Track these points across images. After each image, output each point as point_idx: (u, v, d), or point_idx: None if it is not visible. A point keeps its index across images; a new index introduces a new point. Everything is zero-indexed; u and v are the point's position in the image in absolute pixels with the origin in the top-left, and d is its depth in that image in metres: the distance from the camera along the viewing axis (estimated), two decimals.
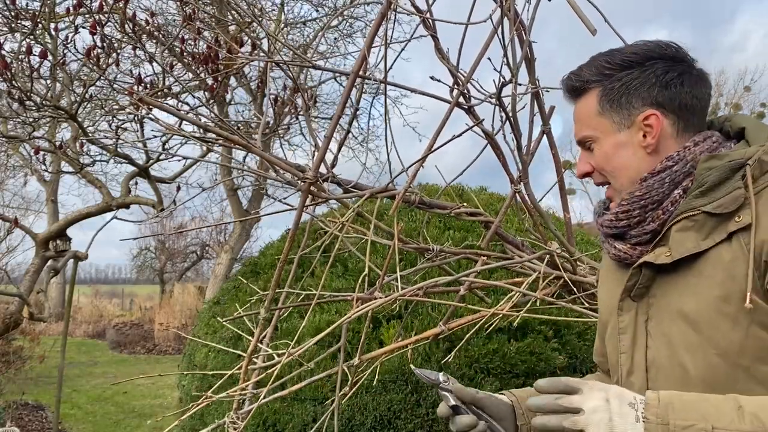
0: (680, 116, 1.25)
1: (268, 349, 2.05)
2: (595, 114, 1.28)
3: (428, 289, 2.09)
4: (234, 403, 2.02)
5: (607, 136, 1.28)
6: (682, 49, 1.28)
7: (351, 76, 1.67)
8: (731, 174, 1.16)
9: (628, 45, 1.31)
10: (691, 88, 1.25)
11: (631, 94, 1.24)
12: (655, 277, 1.22)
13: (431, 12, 1.85)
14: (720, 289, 1.13)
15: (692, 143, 1.24)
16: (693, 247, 1.16)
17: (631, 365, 1.27)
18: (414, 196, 1.94)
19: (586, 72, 1.30)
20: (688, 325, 1.16)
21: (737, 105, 32.73)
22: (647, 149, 1.25)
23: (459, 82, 1.86)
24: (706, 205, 1.16)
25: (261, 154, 1.86)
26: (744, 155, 1.17)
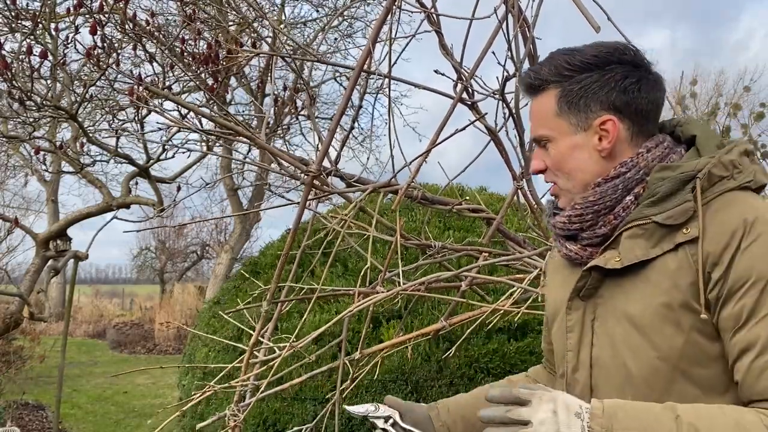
0: (635, 121, 1.28)
1: (270, 343, 2.05)
2: (553, 114, 1.30)
3: (430, 284, 2.09)
4: (235, 396, 2.02)
5: (564, 137, 1.30)
6: (640, 52, 1.31)
7: (356, 69, 1.67)
8: (682, 186, 1.20)
9: (588, 46, 1.31)
10: (648, 93, 1.27)
11: (590, 97, 1.26)
12: (603, 280, 1.27)
13: (435, 7, 1.85)
14: (665, 296, 1.18)
15: (645, 149, 1.27)
16: (642, 255, 1.21)
17: (576, 362, 1.32)
18: (416, 191, 1.94)
19: (545, 71, 1.31)
20: (633, 327, 1.22)
21: (737, 105, 32.75)
22: (602, 153, 1.28)
23: (462, 78, 1.86)
24: (656, 215, 1.20)
25: (265, 146, 1.86)
26: (695, 167, 1.20)
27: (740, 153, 1.23)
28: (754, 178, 1.22)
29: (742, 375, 1.13)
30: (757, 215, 1.15)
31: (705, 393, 1.18)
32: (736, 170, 1.21)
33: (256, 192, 14.54)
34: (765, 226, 1.14)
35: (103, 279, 64.94)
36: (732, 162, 1.21)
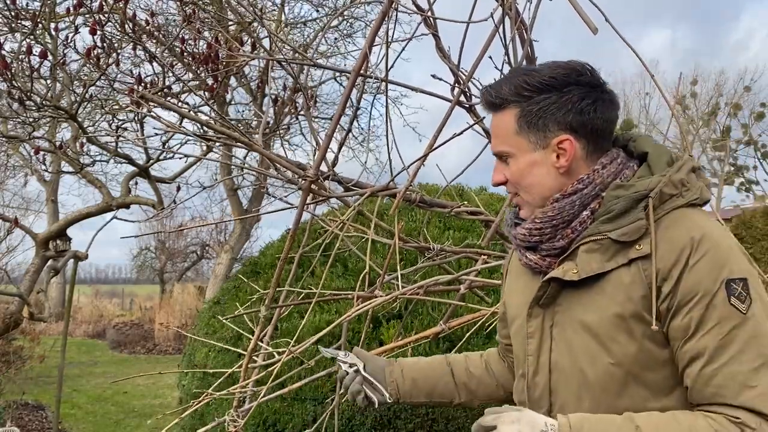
0: (591, 140, 1.35)
1: (269, 347, 2.05)
2: (513, 132, 1.37)
3: (429, 287, 2.09)
4: (234, 401, 2.02)
5: (523, 154, 1.37)
6: (596, 72, 1.38)
7: (352, 74, 1.67)
8: (635, 204, 1.29)
9: (546, 66, 1.38)
10: (603, 113, 1.35)
11: (548, 118, 1.33)
12: (562, 290, 1.36)
13: (432, 10, 1.85)
14: (619, 307, 1.27)
15: (600, 166, 1.35)
16: (598, 268, 1.30)
17: (536, 367, 1.41)
18: (415, 194, 1.94)
19: (505, 89, 1.37)
20: (590, 335, 1.31)
21: (737, 105, 32.78)
22: (560, 170, 1.35)
23: (460, 81, 1.86)
24: (611, 232, 1.29)
25: (262, 151, 1.86)
26: (647, 186, 1.29)
27: (688, 171, 1.32)
28: (700, 195, 1.31)
29: (692, 381, 1.23)
30: (703, 233, 1.24)
31: (654, 395, 1.29)
32: (684, 188, 1.30)
33: (256, 192, 14.54)
34: (710, 244, 1.23)
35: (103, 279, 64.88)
36: (681, 180, 1.30)
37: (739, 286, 1.21)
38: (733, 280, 1.21)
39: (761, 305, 1.22)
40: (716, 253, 1.23)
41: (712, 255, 1.23)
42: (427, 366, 1.72)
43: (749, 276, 1.23)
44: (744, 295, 1.21)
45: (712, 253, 1.23)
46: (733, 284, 1.21)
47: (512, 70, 1.44)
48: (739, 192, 34.22)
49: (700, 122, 32.70)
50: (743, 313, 1.20)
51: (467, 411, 3.88)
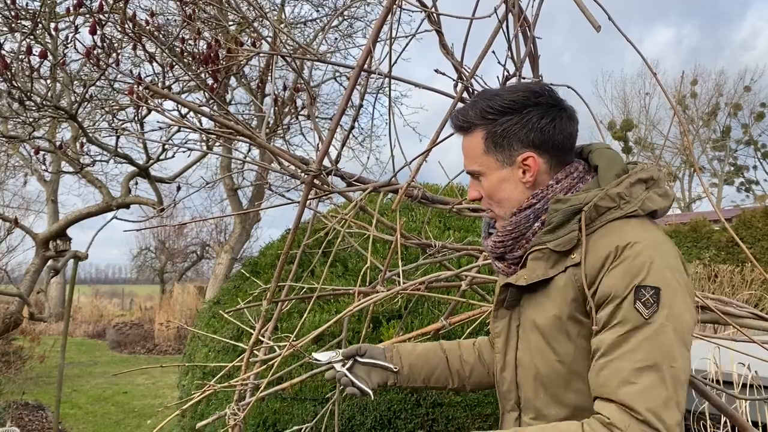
0: (553, 155, 1.48)
1: (270, 342, 2.04)
2: (481, 153, 1.51)
3: (430, 284, 2.09)
4: (235, 395, 2.01)
5: (493, 172, 1.51)
6: (554, 92, 1.51)
7: (356, 69, 1.67)
8: (571, 217, 1.41)
9: (505, 90, 1.52)
10: (562, 129, 1.47)
11: (512, 138, 1.47)
12: (523, 293, 1.51)
13: (436, 7, 1.85)
14: (557, 309, 1.42)
15: (555, 181, 1.48)
16: (542, 274, 1.45)
17: (503, 363, 1.58)
18: (417, 190, 1.94)
19: (471, 114, 1.50)
20: (539, 335, 1.46)
21: (737, 105, 32.80)
22: (526, 184, 1.49)
23: (463, 77, 1.86)
24: (550, 242, 1.43)
25: (265, 145, 1.86)
26: (582, 201, 1.41)
27: (630, 183, 1.42)
28: (640, 206, 1.41)
29: (590, 372, 1.36)
30: (627, 242, 1.34)
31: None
32: (622, 201, 1.41)
33: (256, 192, 14.55)
34: (630, 252, 1.33)
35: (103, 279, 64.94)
36: (618, 194, 1.41)
37: (648, 293, 1.30)
38: (644, 287, 1.31)
39: (668, 316, 1.30)
40: (634, 261, 1.32)
41: (629, 262, 1.33)
42: (424, 353, 1.83)
43: (664, 287, 1.31)
44: (651, 303, 1.30)
45: (629, 261, 1.33)
46: (642, 290, 1.31)
47: (476, 95, 1.57)
48: (739, 192, 34.29)
49: (700, 122, 32.71)
50: (645, 318, 1.29)
51: (467, 411, 3.88)
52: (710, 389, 2.21)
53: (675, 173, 32.85)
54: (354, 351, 1.77)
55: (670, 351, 1.28)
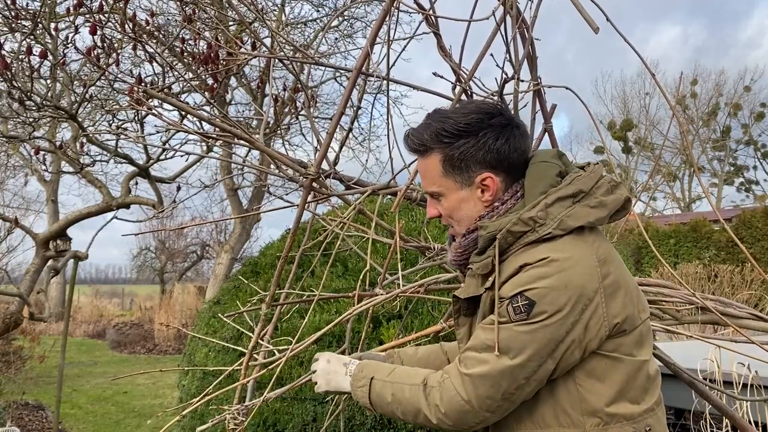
0: (508, 172, 1.55)
1: (269, 345, 2.04)
2: (440, 175, 1.56)
3: (429, 286, 2.09)
4: (235, 399, 2.01)
5: (452, 193, 1.57)
6: (507, 111, 1.58)
7: (354, 72, 1.67)
8: (489, 243, 1.50)
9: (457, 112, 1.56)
10: (516, 147, 1.54)
11: (469, 160, 1.53)
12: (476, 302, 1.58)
13: (434, 9, 1.85)
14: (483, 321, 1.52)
15: (500, 202, 1.55)
16: (473, 291, 1.56)
17: None
18: (416, 193, 1.94)
19: (426, 137, 1.56)
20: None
21: (737, 105, 32.79)
22: (485, 203, 1.56)
23: (461, 79, 1.86)
24: (473, 264, 1.54)
25: (264, 149, 1.86)
26: (498, 227, 1.48)
27: (546, 205, 1.47)
28: (558, 226, 1.45)
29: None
30: (530, 261, 1.43)
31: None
32: (537, 224, 1.46)
33: (256, 192, 14.55)
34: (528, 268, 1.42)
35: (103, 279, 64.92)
36: (531, 218, 1.46)
37: (521, 302, 1.41)
38: (521, 295, 1.41)
39: (529, 325, 1.41)
40: (525, 273, 1.42)
41: (522, 274, 1.43)
42: (425, 356, 1.90)
43: (543, 304, 1.39)
44: (520, 311, 1.41)
45: (523, 273, 1.43)
46: (519, 297, 1.41)
47: (428, 116, 1.60)
48: (739, 192, 34.28)
49: (700, 122, 32.69)
50: (510, 319, 1.42)
51: None
52: (710, 389, 2.21)
53: (675, 173, 32.85)
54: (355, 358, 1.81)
55: (517, 349, 1.41)
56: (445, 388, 1.48)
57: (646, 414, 1.50)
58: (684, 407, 4.42)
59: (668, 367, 2.07)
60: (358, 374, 1.64)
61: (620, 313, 1.45)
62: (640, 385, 1.50)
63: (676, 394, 3.94)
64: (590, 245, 1.47)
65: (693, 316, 2.14)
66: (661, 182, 32.35)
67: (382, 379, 1.59)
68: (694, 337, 2.35)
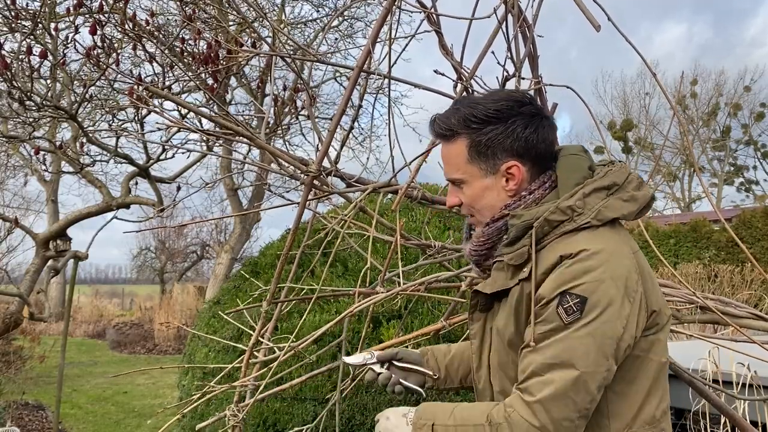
0: (534, 162, 1.51)
1: (270, 343, 2.04)
2: (465, 161, 1.52)
3: (429, 284, 2.09)
4: (235, 396, 2.01)
5: (476, 180, 1.53)
6: (536, 101, 1.55)
7: (356, 70, 1.67)
8: (524, 232, 1.45)
9: (488, 98, 1.53)
10: (544, 138, 1.51)
11: (497, 147, 1.49)
12: (493, 298, 1.54)
13: (435, 7, 1.85)
14: (512, 318, 1.47)
15: (527, 191, 1.51)
16: (501, 285, 1.50)
17: (479, 363, 1.62)
18: (416, 191, 1.94)
19: (453, 121, 1.52)
20: (500, 339, 1.51)
21: (737, 105, 32.79)
22: (509, 192, 1.52)
23: (463, 78, 1.86)
24: (505, 256, 1.48)
25: (265, 146, 1.86)
26: (534, 215, 1.44)
27: (584, 194, 1.44)
28: (595, 216, 1.42)
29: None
30: (571, 252, 1.38)
31: None
32: (575, 213, 1.43)
33: (256, 192, 14.55)
34: (570, 261, 1.37)
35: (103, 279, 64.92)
36: (569, 207, 1.43)
37: (572, 300, 1.34)
38: (570, 294, 1.34)
39: (589, 325, 1.33)
40: (568, 269, 1.36)
41: (564, 270, 1.37)
42: (459, 355, 1.86)
43: (595, 297, 1.33)
44: (573, 310, 1.34)
45: (564, 269, 1.37)
46: (567, 297, 1.35)
47: (456, 102, 1.57)
48: (739, 192, 34.28)
49: (700, 122, 32.69)
50: (563, 323, 1.34)
51: None
52: (709, 389, 2.21)
53: (675, 173, 32.84)
54: (390, 355, 1.78)
55: (581, 356, 1.33)
56: (515, 423, 1.35)
57: (663, 418, 1.47)
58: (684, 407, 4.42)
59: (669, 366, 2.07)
60: (417, 422, 1.51)
61: (655, 303, 1.42)
62: (662, 386, 1.47)
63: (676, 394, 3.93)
64: (623, 237, 1.45)
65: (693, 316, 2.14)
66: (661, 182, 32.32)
67: (444, 423, 1.46)
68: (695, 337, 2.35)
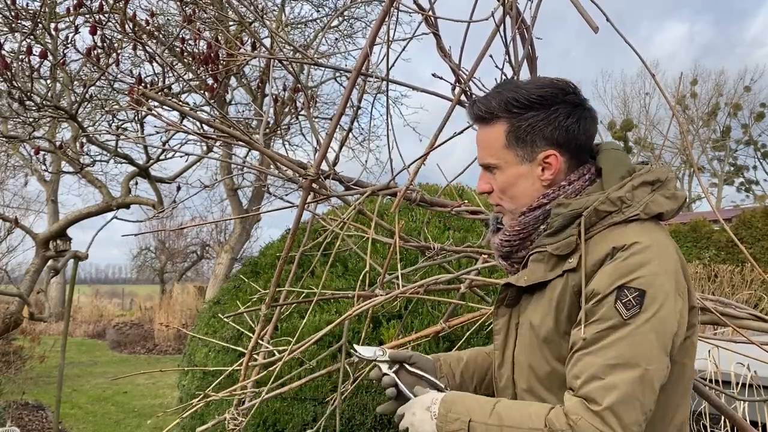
0: (573, 154, 1.46)
1: (269, 346, 2.04)
2: (502, 146, 1.47)
3: (429, 286, 2.09)
4: (234, 400, 2.01)
5: (510, 167, 1.47)
6: (579, 91, 1.48)
7: (353, 73, 1.67)
8: (571, 221, 1.40)
9: (532, 83, 1.47)
10: (585, 130, 1.46)
11: (536, 134, 1.43)
12: (523, 293, 1.49)
13: (433, 10, 1.85)
14: (553, 312, 1.40)
15: (567, 182, 1.46)
16: (540, 277, 1.43)
17: (501, 360, 1.55)
18: (415, 193, 1.94)
19: (494, 104, 1.46)
20: (534, 335, 1.45)
21: (737, 105, 32.79)
22: (544, 182, 1.47)
23: (461, 80, 1.86)
24: (549, 246, 1.42)
25: (263, 150, 1.86)
26: (583, 205, 1.39)
27: (633, 187, 1.40)
28: (642, 210, 1.38)
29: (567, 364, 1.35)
30: (624, 244, 1.33)
31: None
32: (624, 205, 1.38)
33: (256, 192, 14.55)
34: (624, 253, 1.32)
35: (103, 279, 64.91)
36: (619, 198, 1.39)
37: (630, 294, 1.28)
38: (628, 288, 1.29)
39: (649, 320, 1.28)
40: (623, 261, 1.31)
41: (619, 263, 1.31)
42: (472, 361, 1.78)
43: (652, 291, 1.28)
44: (632, 305, 1.28)
45: (619, 261, 1.31)
46: (625, 291, 1.29)
47: (499, 85, 1.52)
48: (739, 192, 34.29)
49: (700, 122, 32.70)
50: (623, 318, 1.28)
51: None
52: (709, 389, 2.21)
53: (675, 173, 32.80)
54: (403, 358, 1.67)
55: (645, 353, 1.27)
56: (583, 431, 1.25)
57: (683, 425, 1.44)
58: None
59: None
60: (448, 415, 1.39)
61: (693, 300, 1.40)
62: (687, 391, 1.44)
63: None
64: (666, 233, 1.42)
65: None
66: None
67: (484, 422, 1.34)
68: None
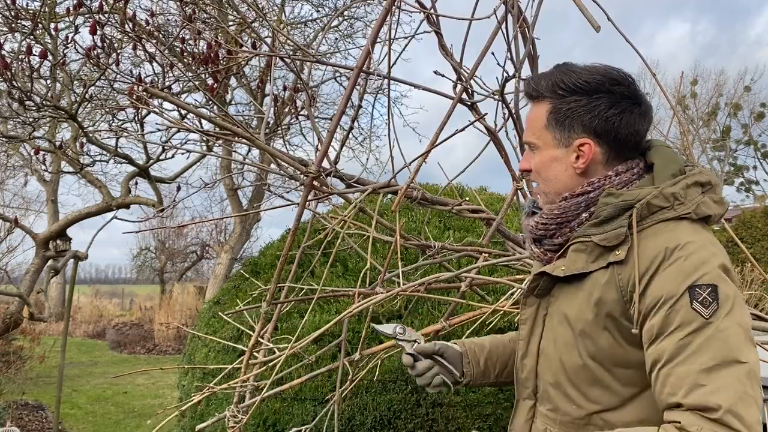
0: (612, 147, 1.42)
1: (269, 344, 2.04)
2: (542, 126, 1.46)
3: (429, 285, 2.09)
4: (234, 397, 2.01)
5: (547, 148, 1.46)
6: (634, 85, 1.44)
7: (355, 70, 1.67)
8: (621, 212, 1.36)
9: (585, 68, 1.44)
10: (629, 124, 1.41)
11: (575, 119, 1.41)
12: (555, 283, 1.46)
13: (435, 8, 1.85)
14: (594, 306, 1.36)
15: (614, 173, 1.42)
16: (582, 268, 1.39)
17: (526, 350, 1.53)
18: (416, 192, 1.94)
19: (543, 84, 1.46)
20: (569, 328, 1.41)
21: (737, 105, 32.79)
22: (577, 170, 1.44)
23: (462, 78, 1.86)
24: (596, 236, 1.37)
25: (264, 147, 1.86)
26: (635, 197, 1.35)
27: (687, 185, 1.37)
28: (694, 209, 1.35)
29: (653, 384, 1.28)
30: (678, 243, 1.29)
31: (624, 386, 1.37)
32: (677, 202, 1.35)
33: (256, 192, 14.55)
34: (682, 253, 1.28)
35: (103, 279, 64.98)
36: (673, 194, 1.35)
37: (704, 291, 1.24)
38: (699, 286, 1.24)
39: (728, 312, 1.23)
40: (686, 261, 1.27)
41: (681, 263, 1.27)
42: (495, 349, 1.77)
43: (721, 285, 1.25)
44: (709, 301, 1.23)
45: (681, 262, 1.27)
46: (697, 289, 1.24)
47: (557, 66, 1.49)
48: (739, 192, 34.28)
49: (700, 122, 32.70)
50: (705, 318, 1.22)
51: (467, 411, 3.88)
52: None
53: None
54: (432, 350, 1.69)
55: (739, 347, 1.20)
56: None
57: None
58: None
59: None
60: None
61: None
62: None
63: None
64: (713, 235, 1.37)
65: None
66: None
67: None
68: None
